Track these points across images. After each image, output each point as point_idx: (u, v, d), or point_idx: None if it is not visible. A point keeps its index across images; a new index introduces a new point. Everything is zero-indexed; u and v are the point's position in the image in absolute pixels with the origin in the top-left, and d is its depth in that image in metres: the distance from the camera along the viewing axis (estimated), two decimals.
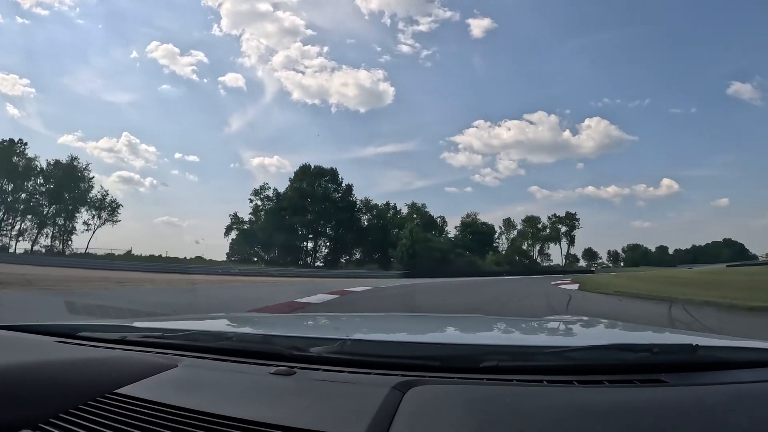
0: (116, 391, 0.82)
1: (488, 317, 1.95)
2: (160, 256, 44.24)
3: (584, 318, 2.09)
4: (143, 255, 44.85)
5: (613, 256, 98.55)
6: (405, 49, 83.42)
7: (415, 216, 64.60)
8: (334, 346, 0.93)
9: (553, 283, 17.58)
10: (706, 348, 0.90)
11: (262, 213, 59.73)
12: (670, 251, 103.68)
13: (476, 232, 70.25)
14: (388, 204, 66.79)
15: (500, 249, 73.65)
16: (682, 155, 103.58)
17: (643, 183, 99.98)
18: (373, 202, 65.04)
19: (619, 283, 15.66)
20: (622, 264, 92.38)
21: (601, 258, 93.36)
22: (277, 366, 0.89)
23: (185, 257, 47.67)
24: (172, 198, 77.80)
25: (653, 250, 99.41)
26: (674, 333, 1.55)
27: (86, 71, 74.57)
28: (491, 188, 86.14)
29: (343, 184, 62.25)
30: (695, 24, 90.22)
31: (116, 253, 43.11)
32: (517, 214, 79.28)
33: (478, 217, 72.34)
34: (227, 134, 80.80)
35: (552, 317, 2.00)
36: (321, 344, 0.96)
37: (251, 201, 61.18)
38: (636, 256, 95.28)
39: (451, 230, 70.51)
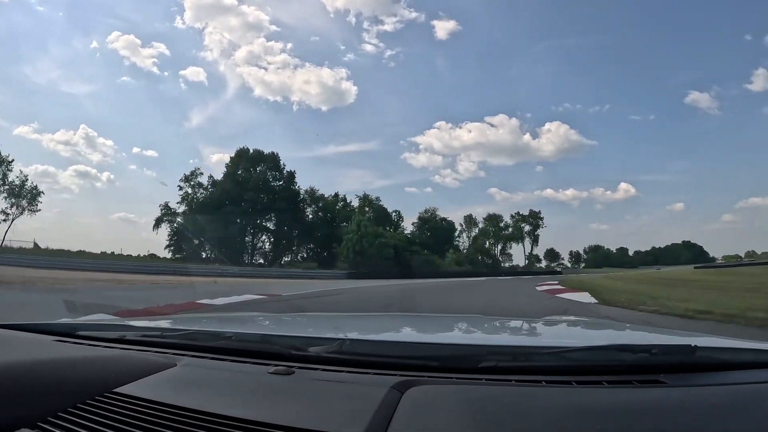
0: (115, 390, 0.82)
1: (487, 317, 1.95)
2: (68, 250, 38.34)
3: (583, 318, 2.09)
4: (52, 249, 39.06)
5: (575, 256, 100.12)
6: (369, 48, 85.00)
7: (367, 209, 57.52)
8: (333, 346, 0.93)
9: (540, 288, 14.32)
10: (704, 349, 0.90)
11: (194, 203, 51.69)
12: (630, 253, 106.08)
13: (435, 229, 65.59)
14: (336, 195, 59.59)
15: (461, 248, 69.72)
16: (640, 160, 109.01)
17: (601, 187, 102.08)
18: (320, 192, 58.13)
19: (629, 288, 13.03)
20: (583, 265, 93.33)
21: (563, 259, 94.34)
22: (276, 365, 0.89)
23: (138, 254, 45.54)
24: (129, 194, 76.09)
25: (614, 251, 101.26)
26: (673, 334, 1.55)
27: (44, 60, 72.88)
28: (451, 189, 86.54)
29: (285, 171, 54.97)
30: (657, 34, 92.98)
31: (26, 247, 39.32)
32: (477, 215, 78.53)
33: (437, 213, 67.91)
34: (187, 129, 79.23)
35: (551, 317, 2.00)
36: (320, 344, 0.96)
37: (181, 188, 52.28)
38: (598, 257, 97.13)
39: (409, 227, 65.52)
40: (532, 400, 0.72)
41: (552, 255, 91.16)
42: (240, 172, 52.18)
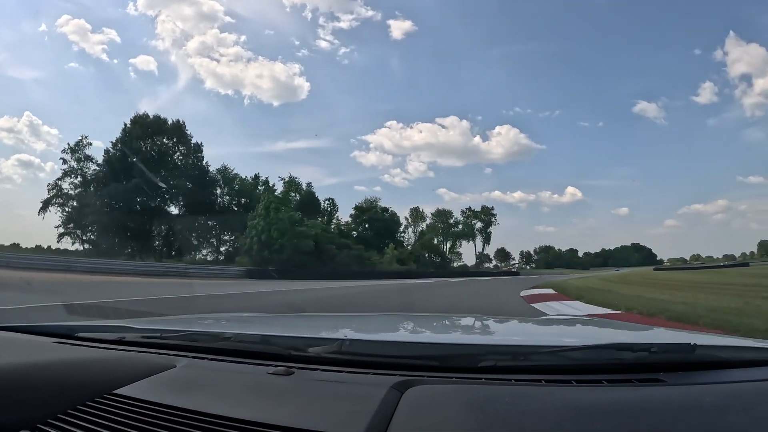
0: (115, 391, 0.82)
1: (486, 317, 1.95)
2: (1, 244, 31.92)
3: (582, 317, 2.10)
4: None
5: (526, 257, 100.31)
6: (324, 45, 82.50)
7: (293, 194, 46.19)
8: (333, 346, 0.93)
9: (539, 305, 9.84)
10: (704, 347, 0.90)
11: (83, 180, 40.18)
12: (580, 254, 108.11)
13: (374, 221, 56.17)
14: (257, 177, 47.72)
15: (406, 244, 61.85)
16: (587, 166, 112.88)
17: (549, 190, 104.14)
18: (235, 171, 46.96)
19: (631, 294, 11.57)
20: (534, 266, 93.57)
21: (514, 259, 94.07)
22: (276, 366, 0.89)
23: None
24: None
25: (564, 251, 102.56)
26: (672, 332, 1.55)
27: None
28: (400, 189, 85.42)
29: (193, 144, 43.40)
30: (609, 44, 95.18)
31: None
32: (426, 211, 75.75)
33: (379, 203, 58.67)
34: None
35: (550, 316, 2.00)
36: (319, 344, 0.96)
37: (64, 162, 40.18)
38: (549, 257, 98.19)
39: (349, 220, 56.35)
40: (531, 400, 0.72)
41: (503, 255, 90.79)
42: (137, 143, 40.77)
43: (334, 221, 52.45)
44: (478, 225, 73.42)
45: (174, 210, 43.59)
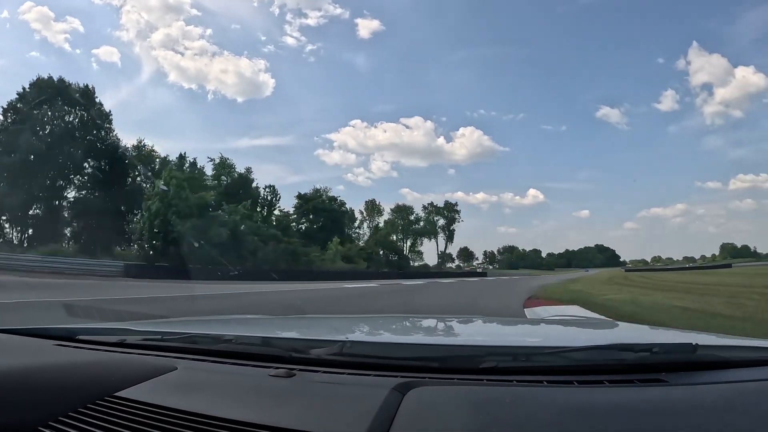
0: (115, 394, 0.82)
1: (487, 318, 1.95)
2: None
3: (584, 318, 2.09)
4: None
5: (489, 257, 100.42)
6: (290, 41, 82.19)
7: (224, 178, 38.03)
8: (334, 348, 0.93)
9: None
10: (705, 347, 0.90)
11: None
12: (543, 255, 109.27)
13: (321, 211, 47.80)
14: (182, 157, 37.25)
15: (359, 239, 54.56)
16: (549, 168, 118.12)
17: (511, 192, 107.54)
18: (153, 147, 37.87)
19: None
20: (497, 266, 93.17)
21: (477, 259, 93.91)
22: (277, 368, 0.89)
23: None
24: None
25: (527, 252, 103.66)
26: (674, 332, 1.55)
27: None
28: (363, 188, 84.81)
29: (105, 116, 34.85)
30: (574, 50, 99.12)
31: None
32: (388, 215, 73.36)
33: (329, 192, 50.36)
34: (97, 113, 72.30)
35: (551, 317, 2.00)
36: (320, 346, 0.96)
37: None
38: (513, 257, 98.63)
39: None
40: (533, 401, 0.72)
41: (466, 254, 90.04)
42: (35, 111, 32.30)
43: (275, 212, 43.73)
44: (441, 222, 70.22)
45: (71, 192, 35.30)
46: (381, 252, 54.03)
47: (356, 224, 57.69)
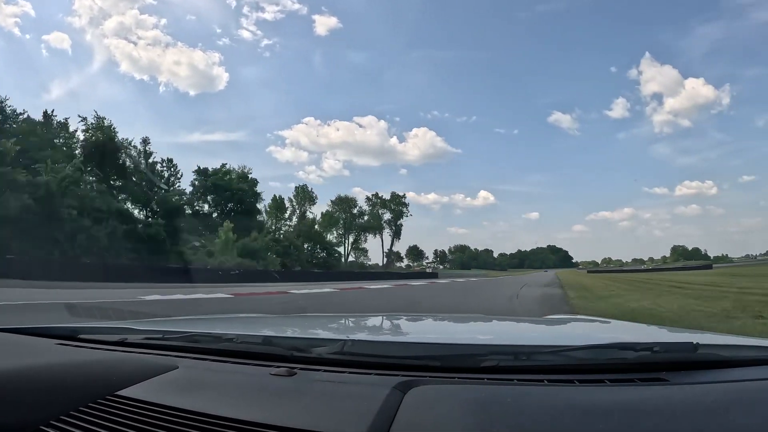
0: (117, 393, 0.82)
1: (488, 316, 1.95)
2: None
3: (584, 317, 2.09)
4: None
5: (440, 256, 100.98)
6: (246, 35, 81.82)
7: (100, 135, 28.93)
8: (335, 347, 0.93)
9: None
10: (706, 346, 0.90)
11: None
12: (495, 255, 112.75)
13: (225, 190, 38.90)
14: (49, 117, 29.25)
15: (278, 232, 44.37)
16: (501, 171, 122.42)
17: (462, 193, 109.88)
18: (12, 107, 27.76)
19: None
20: (448, 266, 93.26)
21: (427, 258, 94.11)
22: (278, 367, 0.89)
23: None
24: None
25: (480, 252, 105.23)
26: (675, 331, 1.54)
27: None
28: (315, 186, 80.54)
29: None
30: (529, 56, 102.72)
31: None
32: (327, 207, 69.42)
33: (247, 172, 41.61)
34: (46, 101, 65.39)
35: (552, 316, 2.00)
36: (322, 345, 0.96)
37: None
38: (464, 257, 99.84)
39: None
40: (534, 399, 0.72)
41: (416, 253, 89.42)
42: None
43: (172, 189, 35.06)
44: (387, 216, 64.07)
45: None
46: (306, 246, 44.14)
47: (286, 215, 48.93)
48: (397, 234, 65.31)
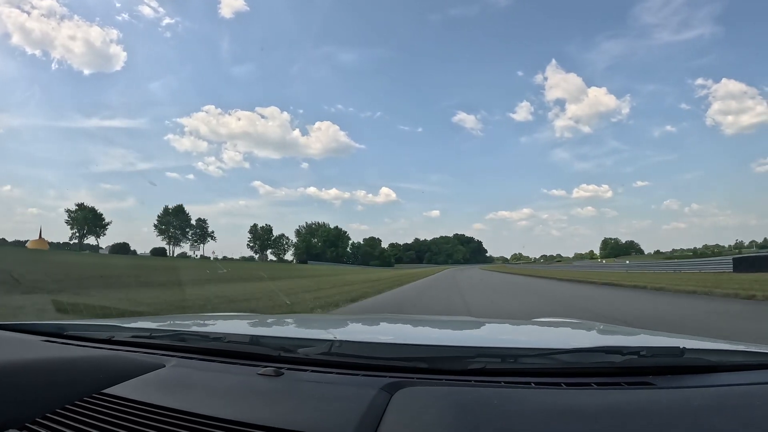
0: (103, 391, 0.82)
1: (476, 319, 1.95)
2: None
3: (573, 320, 2.10)
4: None
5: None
6: (147, 11, 78.01)
7: None
8: (322, 347, 0.93)
9: None
10: (693, 351, 0.91)
11: None
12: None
13: None
14: None
15: None
16: (403, 168, 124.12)
17: (364, 189, 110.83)
18: None
19: None
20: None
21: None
22: (265, 367, 0.89)
23: None
24: None
25: (386, 247, 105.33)
26: (662, 336, 1.56)
27: None
28: (214, 178, 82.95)
29: None
30: (436, 56, 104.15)
31: None
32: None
33: None
34: None
35: (540, 319, 2.01)
36: (309, 345, 0.96)
37: None
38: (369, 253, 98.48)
39: None
40: (521, 402, 0.73)
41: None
42: None
43: None
44: None
45: None
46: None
47: None
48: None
